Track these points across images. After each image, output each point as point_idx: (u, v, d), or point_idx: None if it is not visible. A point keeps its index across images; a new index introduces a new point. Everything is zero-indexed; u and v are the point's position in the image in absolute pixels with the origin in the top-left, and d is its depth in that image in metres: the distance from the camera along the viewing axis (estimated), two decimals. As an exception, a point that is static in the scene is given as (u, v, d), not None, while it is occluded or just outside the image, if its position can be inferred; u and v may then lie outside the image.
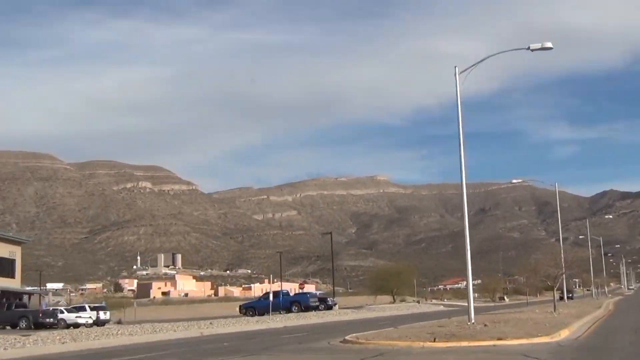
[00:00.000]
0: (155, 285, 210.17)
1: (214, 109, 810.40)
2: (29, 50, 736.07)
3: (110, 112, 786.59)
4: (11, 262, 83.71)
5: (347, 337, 29.90)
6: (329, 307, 79.55)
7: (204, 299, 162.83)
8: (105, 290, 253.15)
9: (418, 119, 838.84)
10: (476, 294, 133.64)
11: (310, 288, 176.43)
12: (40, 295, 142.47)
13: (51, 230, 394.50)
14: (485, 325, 32.77)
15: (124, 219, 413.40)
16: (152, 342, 38.10)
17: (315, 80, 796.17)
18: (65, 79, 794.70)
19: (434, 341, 25.49)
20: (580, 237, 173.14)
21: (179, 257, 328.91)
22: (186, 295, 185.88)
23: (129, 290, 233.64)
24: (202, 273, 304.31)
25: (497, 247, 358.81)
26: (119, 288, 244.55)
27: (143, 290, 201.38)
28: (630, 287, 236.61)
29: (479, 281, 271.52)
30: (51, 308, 69.65)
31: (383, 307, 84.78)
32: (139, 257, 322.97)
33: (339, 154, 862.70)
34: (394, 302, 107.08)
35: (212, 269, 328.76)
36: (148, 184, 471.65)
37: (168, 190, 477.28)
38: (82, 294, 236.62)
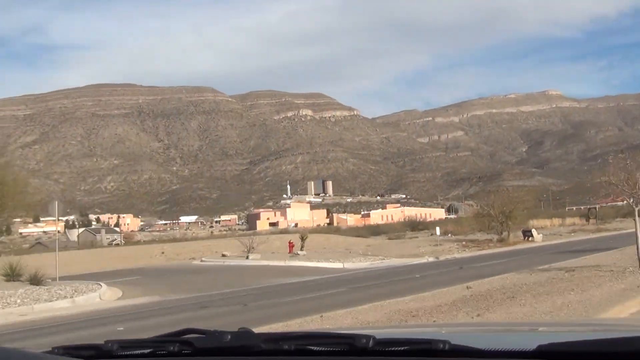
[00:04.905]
0: (263, 215, 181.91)
1: (380, 34, 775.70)
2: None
3: (275, 44, 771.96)
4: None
5: None
6: None
7: (311, 229, 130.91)
8: (241, 221, 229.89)
9: (594, 29, 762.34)
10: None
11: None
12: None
13: (213, 162, 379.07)
14: None
15: (283, 148, 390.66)
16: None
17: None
18: (231, 17, 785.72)
19: None
20: None
21: (329, 184, 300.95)
22: (296, 225, 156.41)
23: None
24: (349, 200, 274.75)
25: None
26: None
27: (252, 221, 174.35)
28: None
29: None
30: None
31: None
32: (288, 186, 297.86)
33: (509, 71, 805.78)
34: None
35: (364, 195, 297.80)
36: (309, 112, 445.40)
37: (329, 117, 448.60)
38: (211, 227, 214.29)
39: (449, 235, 70.77)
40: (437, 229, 57.11)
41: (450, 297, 16.41)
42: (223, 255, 47.73)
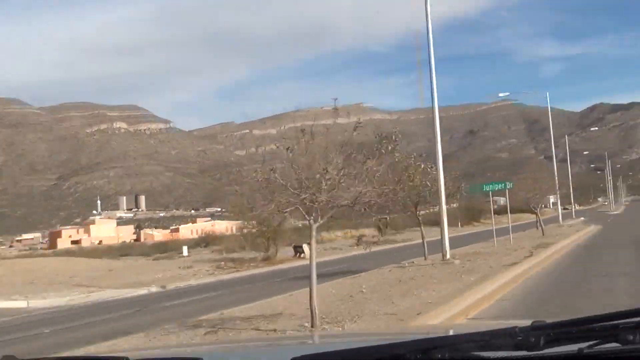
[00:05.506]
0: (65, 233, 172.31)
1: (198, 47, 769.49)
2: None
3: (88, 56, 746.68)
4: None
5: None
6: None
7: (115, 246, 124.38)
8: (45, 240, 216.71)
9: (405, 44, 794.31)
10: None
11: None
12: None
13: (19, 178, 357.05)
14: None
15: (95, 162, 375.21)
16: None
17: (300, 9, 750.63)
18: (42, 26, 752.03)
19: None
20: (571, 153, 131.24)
21: (142, 198, 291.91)
22: (100, 242, 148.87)
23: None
24: (162, 214, 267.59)
25: (485, 169, 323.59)
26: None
27: (54, 239, 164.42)
28: (625, 201, 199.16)
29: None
30: None
31: None
32: (99, 202, 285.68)
33: (325, 84, 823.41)
34: None
35: (178, 209, 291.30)
36: (123, 125, 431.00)
37: (144, 130, 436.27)
38: (11, 246, 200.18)
39: (223, 253, 67.46)
40: (185, 248, 52.74)
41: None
42: None
